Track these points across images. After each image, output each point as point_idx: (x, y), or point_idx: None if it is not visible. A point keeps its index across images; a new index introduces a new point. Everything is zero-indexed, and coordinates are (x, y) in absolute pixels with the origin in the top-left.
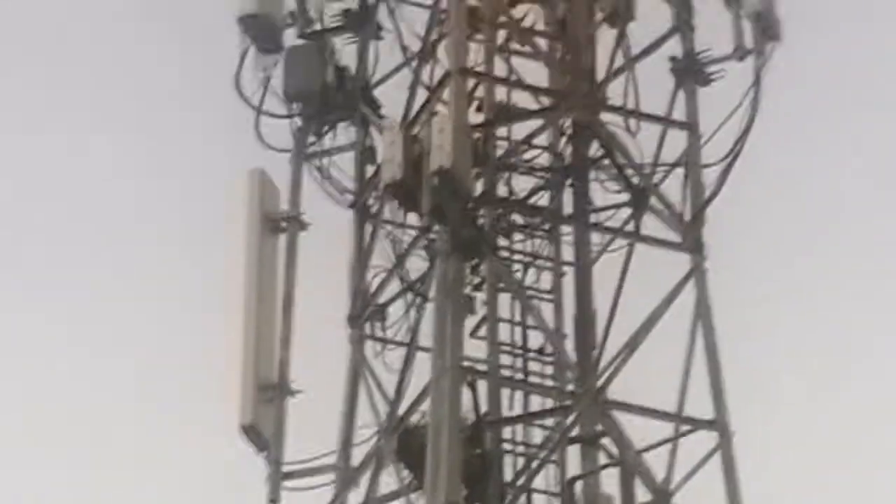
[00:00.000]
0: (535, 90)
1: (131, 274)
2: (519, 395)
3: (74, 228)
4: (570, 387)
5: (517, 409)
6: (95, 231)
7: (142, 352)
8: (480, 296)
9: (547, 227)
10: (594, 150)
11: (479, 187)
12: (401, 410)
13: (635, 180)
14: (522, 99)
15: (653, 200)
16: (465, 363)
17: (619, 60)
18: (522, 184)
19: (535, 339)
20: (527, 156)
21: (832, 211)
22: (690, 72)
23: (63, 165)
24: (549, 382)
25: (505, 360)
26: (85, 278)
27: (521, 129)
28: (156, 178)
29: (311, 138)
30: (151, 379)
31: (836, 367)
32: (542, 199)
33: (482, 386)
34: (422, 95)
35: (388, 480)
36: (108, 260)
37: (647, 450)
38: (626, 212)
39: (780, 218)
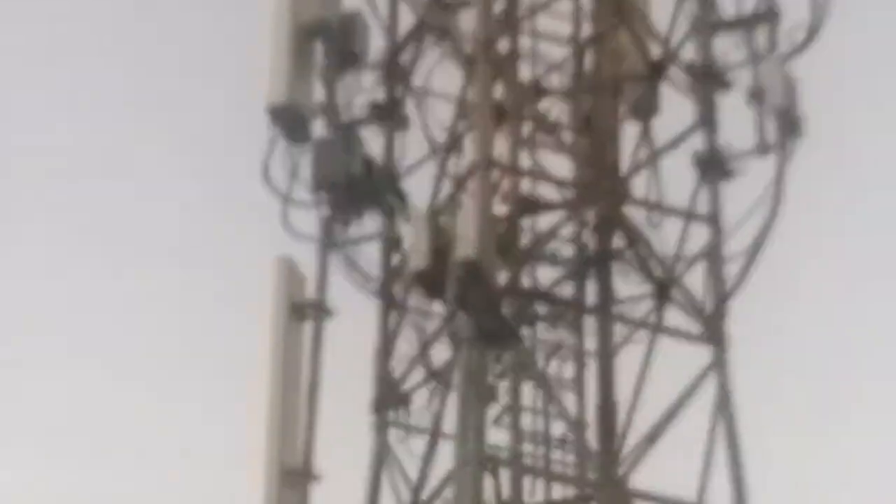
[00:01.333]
0: (559, 182)
1: (157, 359)
2: (541, 483)
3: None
4: (592, 476)
5: (539, 498)
6: (121, 314)
7: (167, 437)
8: (503, 384)
9: (570, 317)
10: (618, 242)
11: (503, 277)
12: (424, 497)
13: (658, 272)
14: (547, 191)
15: (675, 293)
16: (488, 451)
17: (643, 154)
18: (546, 274)
19: (558, 429)
20: (551, 247)
21: (854, 305)
22: (713, 166)
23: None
24: (571, 471)
25: (527, 448)
26: (108, 364)
27: (545, 221)
28: (184, 264)
29: (338, 227)
30: (176, 465)
31: (859, 461)
32: (566, 290)
33: (504, 474)
34: (448, 186)
35: None
36: (133, 345)
37: None
38: (648, 303)
39: (802, 312)
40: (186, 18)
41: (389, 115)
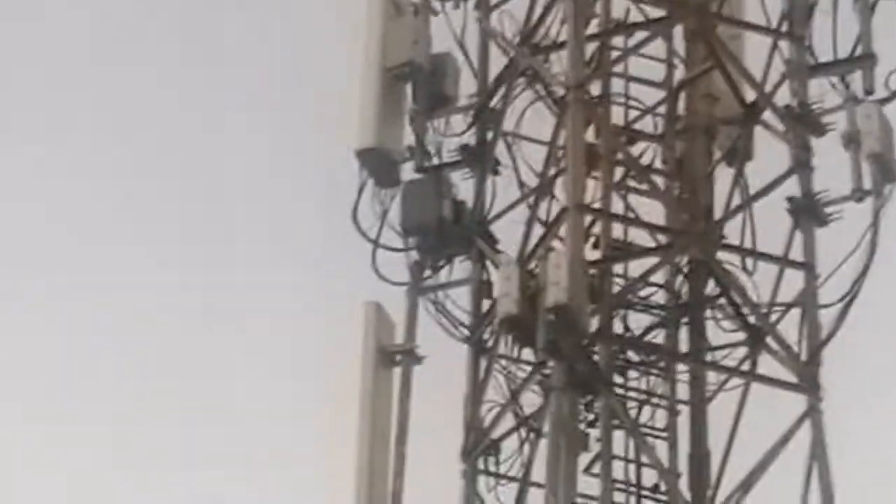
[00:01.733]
0: (651, 227)
1: (248, 405)
2: None
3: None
4: None
5: None
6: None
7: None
8: (594, 433)
9: (662, 364)
10: (710, 288)
11: (594, 324)
12: None
13: (752, 319)
14: (639, 236)
15: (769, 340)
16: (579, 500)
17: (737, 199)
18: (638, 321)
19: (650, 478)
20: (643, 293)
21: None
22: (808, 212)
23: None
24: None
25: (619, 498)
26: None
27: (637, 267)
28: (273, 311)
29: (427, 272)
30: None
31: None
32: (658, 337)
33: None
34: (538, 231)
35: None
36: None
37: None
38: (742, 351)
39: None
40: (274, 55)
41: (479, 158)
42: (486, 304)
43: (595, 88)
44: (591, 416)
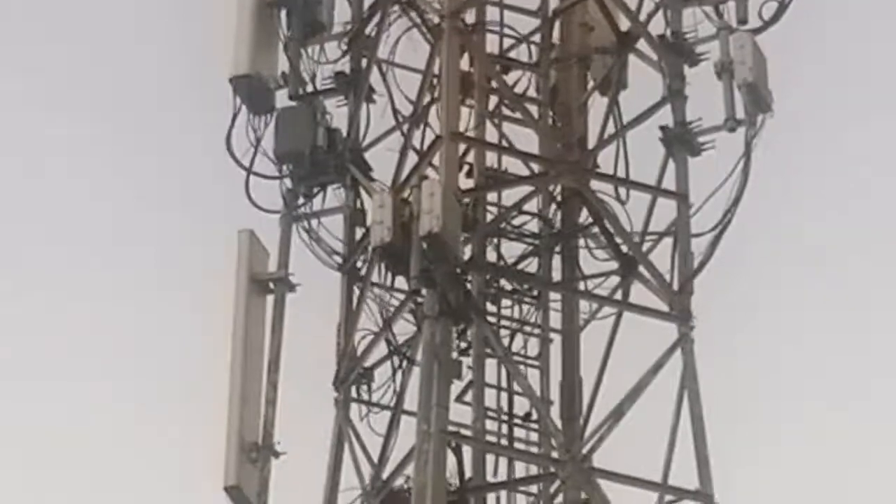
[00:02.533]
0: (525, 156)
1: (116, 333)
2: (504, 461)
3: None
4: (555, 454)
5: (502, 476)
6: (81, 287)
7: (124, 410)
8: (467, 361)
9: (535, 293)
10: (583, 217)
11: (467, 252)
12: (385, 474)
13: (624, 248)
14: (513, 165)
15: (641, 269)
16: (451, 428)
17: (610, 129)
18: (511, 250)
19: (521, 406)
20: (516, 222)
21: (820, 280)
22: (681, 141)
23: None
24: (535, 449)
25: (490, 425)
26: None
27: (510, 196)
28: (143, 238)
29: (301, 200)
30: (134, 438)
31: (822, 438)
32: (531, 266)
33: (467, 451)
34: (412, 159)
35: None
36: (94, 317)
37: None
38: (614, 280)
39: (768, 287)
40: None
41: (354, 85)
42: (359, 232)
43: (470, 16)
44: (463, 345)
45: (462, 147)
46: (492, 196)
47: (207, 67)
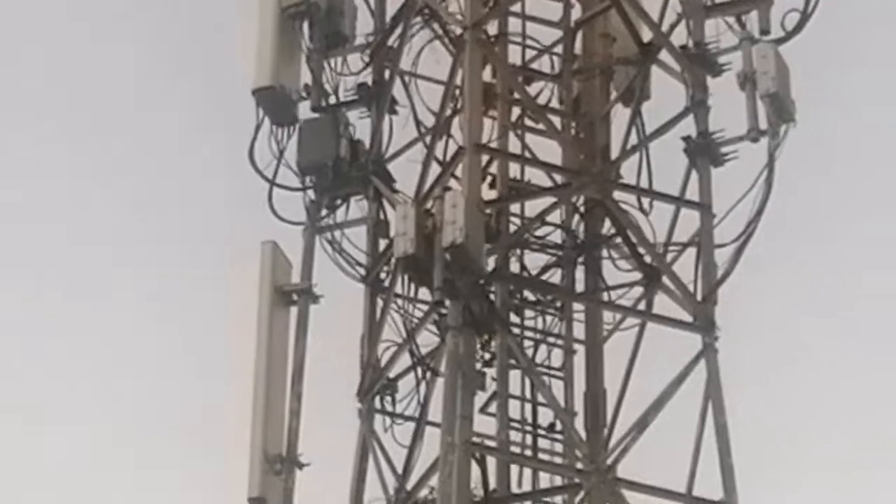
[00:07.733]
0: (548, 167)
1: (140, 344)
2: (528, 472)
3: (83, 295)
4: (580, 465)
5: (526, 487)
6: (105, 298)
7: (152, 423)
8: (491, 372)
9: (558, 304)
10: (607, 228)
11: (491, 263)
12: (409, 485)
13: (648, 259)
14: (536, 176)
15: (665, 279)
16: (475, 439)
17: (633, 139)
18: (535, 261)
19: (545, 417)
20: (539, 233)
21: (845, 293)
22: (704, 152)
23: (81, 230)
24: (559, 460)
25: (515, 436)
26: (98, 347)
27: (534, 206)
28: (168, 250)
29: (324, 212)
30: (160, 450)
31: (848, 449)
32: (554, 277)
33: (491, 462)
34: (435, 170)
35: None
36: (117, 328)
37: None
38: (638, 290)
39: (793, 298)
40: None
41: (376, 97)
42: (382, 243)
43: (492, 27)
44: (487, 356)
45: (485, 158)
46: (515, 207)
47: (230, 80)
